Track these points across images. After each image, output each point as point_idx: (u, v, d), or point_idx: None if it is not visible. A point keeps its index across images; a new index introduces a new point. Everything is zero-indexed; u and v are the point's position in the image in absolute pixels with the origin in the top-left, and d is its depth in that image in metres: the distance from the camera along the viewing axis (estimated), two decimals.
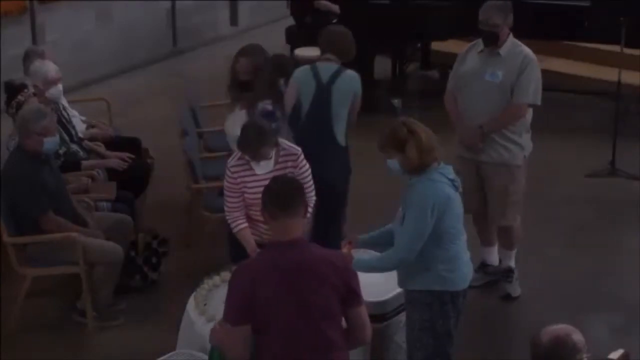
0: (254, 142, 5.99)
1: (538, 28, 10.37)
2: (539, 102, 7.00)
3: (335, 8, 10.74)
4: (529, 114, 7.07)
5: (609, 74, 10.36)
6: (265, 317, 4.46)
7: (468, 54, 7.14)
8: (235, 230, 6.18)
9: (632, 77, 10.31)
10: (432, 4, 10.47)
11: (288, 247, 4.53)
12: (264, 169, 6.07)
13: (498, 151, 6.99)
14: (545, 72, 11.70)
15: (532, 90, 6.94)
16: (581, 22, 9.99)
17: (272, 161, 6.09)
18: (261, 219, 6.15)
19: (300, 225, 4.60)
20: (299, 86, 7.07)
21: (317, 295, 4.49)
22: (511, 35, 6.99)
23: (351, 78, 7.04)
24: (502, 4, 6.98)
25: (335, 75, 7.00)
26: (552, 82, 11.39)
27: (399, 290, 5.66)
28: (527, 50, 6.98)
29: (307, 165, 6.21)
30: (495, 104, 6.90)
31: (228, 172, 6.17)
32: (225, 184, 6.20)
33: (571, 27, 10.28)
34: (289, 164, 6.14)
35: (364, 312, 4.66)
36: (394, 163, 5.35)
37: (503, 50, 6.93)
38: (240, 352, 4.50)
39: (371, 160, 6.07)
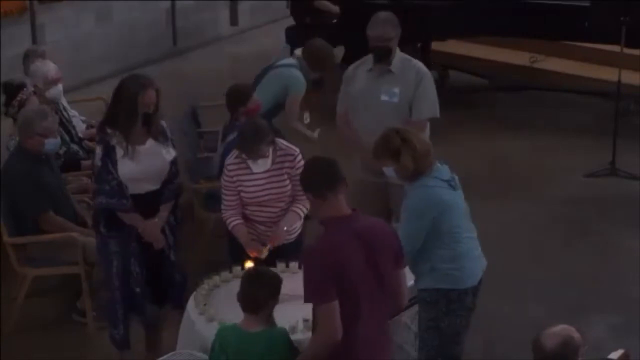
0: (251, 140, 6.02)
1: (538, 28, 10.38)
2: (437, 115, 6.67)
3: (335, 8, 10.73)
4: (427, 127, 6.65)
5: (609, 74, 10.34)
6: (352, 284, 4.58)
7: (355, 74, 6.78)
8: (230, 227, 6.20)
9: (632, 77, 10.30)
10: (432, 4, 10.45)
11: (353, 219, 4.71)
12: (261, 167, 6.10)
13: None
14: (545, 72, 11.82)
15: (430, 104, 6.62)
16: (581, 22, 9.97)
17: (269, 160, 6.11)
18: (258, 218, 6.19)
19: (345, 199, 4.75)
20: None
21: (385, 258, 4.72)
22: (398, 50, 6.67)
23: (277, 75, 7.85)
24: (392, 17, 6.67)
25: (270, 68, 7.94)
26: (552, 82, 11.42)
27: None
28: (418, 63, 6.66)
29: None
30: (392, 124, 6.12)
31: (225, 171, 6.22)
32: (222, 182, 6.25)
33: (571, 27, 10.26)
34: (286, 164, 6.16)
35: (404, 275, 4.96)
36: (390, 170, 5.38)
37: (394, 67, 6.60)
38: (337, 328, 4.55)
39: None
